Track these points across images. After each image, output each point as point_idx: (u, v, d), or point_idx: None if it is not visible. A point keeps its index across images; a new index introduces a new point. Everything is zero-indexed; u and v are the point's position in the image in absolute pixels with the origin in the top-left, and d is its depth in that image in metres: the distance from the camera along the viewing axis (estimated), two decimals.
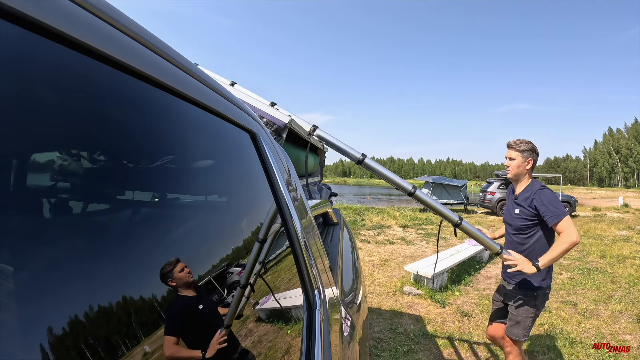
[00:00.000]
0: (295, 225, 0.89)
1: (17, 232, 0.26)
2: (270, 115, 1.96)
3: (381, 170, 1.86)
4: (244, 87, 2.15)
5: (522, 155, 2.14)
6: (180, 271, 0.39)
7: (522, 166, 2.15)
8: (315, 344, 0.75)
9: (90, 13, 0.36)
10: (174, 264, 0.39)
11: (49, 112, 0.31)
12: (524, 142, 2.15)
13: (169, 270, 0.38)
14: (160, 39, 0.51)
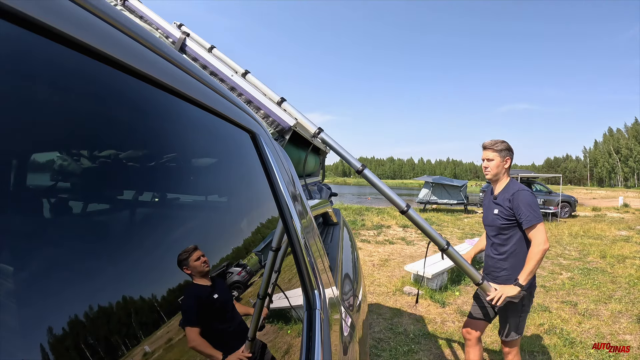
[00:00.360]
0: (295, 225, 0.89)
1: (17, 232, 0.26)
2: (276, 115, 1.95)
3: (378, 183, 1.87)
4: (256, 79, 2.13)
5: (499, 155, 2.17)
6: (196, 260, 0.39)
7: (500, 166, 2.18)
8: (315, 344, 0.75)
9: (90, 13, 0.36)
10: (191, 252, 0.39)
11: (49, 112, 0.31)
12: (499, 142, 2.18)
13: (185, 258, 0.38)
14: (160, 39, 0.51)
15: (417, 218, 1.81)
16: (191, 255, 0.39)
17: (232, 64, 2.21)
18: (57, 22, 0.30)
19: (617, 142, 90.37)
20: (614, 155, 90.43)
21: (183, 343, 0.42)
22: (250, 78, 2.12)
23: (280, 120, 1.96)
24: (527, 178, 14.06)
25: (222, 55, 2.26)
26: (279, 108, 1.99)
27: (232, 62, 2.22)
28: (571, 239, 8.84)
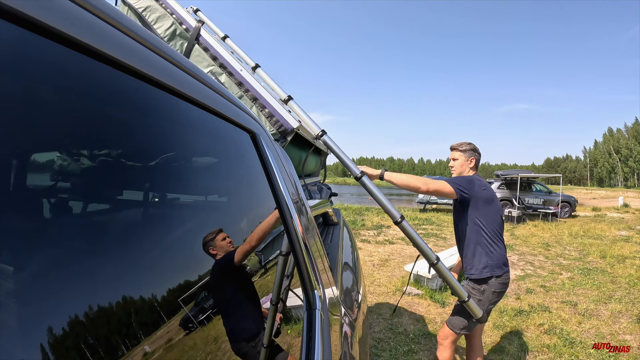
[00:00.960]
0: (295, 225, 0.89)
1: (17, 232, 0.26)
2: (280, 115, 1.94)
3: (375, 191, 1.86)
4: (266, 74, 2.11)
5: (464, 154, 2.26)
6: (222, 240, 0.40)
7: (464, 165, 2.27)
8: (315, 344, 0.75)
9: (90, 13, 0.36)
10: (216, 232, 0.39)
11: (49, 112, 0.31)
12: (465, 144, 2.29)
13: (211, 239, 0.39)
14: (160, 39, 0.51)
15: (410, 230, 1.79)
16: (217, 236, 0.40)
17: (243, 55, 2.17)
18: (57, 22, 0.30)
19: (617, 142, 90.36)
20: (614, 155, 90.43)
21: (183, 343, 0.42)
22: (259, 72, 2.09)
23: (283, 121, 1.94)
24: (527, 178, 14.06)
25: (235, 46, 2.21)
26: (284, 109, 1.97)
27: (243, 54, 2.18)
28: (571, 239, 8.84)
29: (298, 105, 1.98)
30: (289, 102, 1.96)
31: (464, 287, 2.12)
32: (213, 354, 0.47)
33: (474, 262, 2.13)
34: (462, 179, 2.13)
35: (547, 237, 9.06)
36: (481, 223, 2.10)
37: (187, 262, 0.47)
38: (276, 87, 2.01)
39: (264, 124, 1.99)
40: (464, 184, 2.09)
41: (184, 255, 0.46)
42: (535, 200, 13.85)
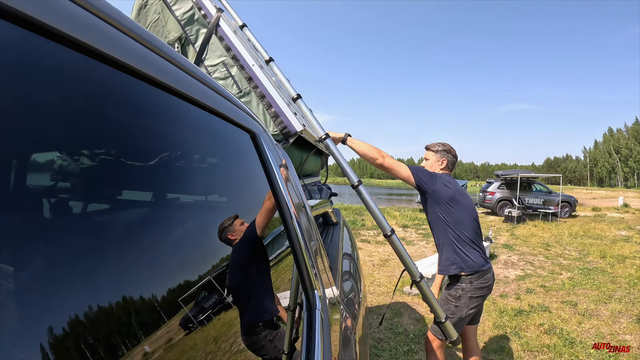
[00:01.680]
0: (295, 225, 0.89)
1: (17, 232, 0.26)
2: (285, 116, 1.92)
3: (370, 202, 1.82)
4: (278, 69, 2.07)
5: (435, 154, 2.27)
6: (240, 225, 0.40)
7: (434, 165, 2.26)
8: (315, 344, 0.75)
9: (90, 13, 0.36)
10: (234, 218, 0.40)
11: (49, 112, 0.31)
12: (439, 144, 2.29)
13: (230, 224, 0.39)
14: (160, 39, 0.51)
15: (398, 245, 1.75)
16: (235, 221, 0.40)
17: (258, 46, 2.13)
18: (57, 22, 0.30)
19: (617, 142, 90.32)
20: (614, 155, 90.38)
21: (183, 343, 0.42)
22: (272, 66, 2.05)
23: (288, 122, 1.92)
24: (527, 178, 14.05)
25: (251, 36, 2.17)
26: (290, 110, 1.94)
27: (258, 45, 2.13)
28: (571, 239, 8.84)
29: (305, 105, 1.95)
30: (297, 100, 1.93)
31: (443, 296, 2.13)
32: (213, 354, 0.47)
33: (441, 258, 2.14)
34: (423, 170, 2.14)
35: (547, 237, 9.06)
36: (446, 220, 2.07)
37: (187, 262, 0.47)
38: (286, 84, 1.98)
39: (268, 123, 1.96)
40: (425, 176, 2.09)
41: (184, 255, 0.46)
42: (535, 200, 13.84)
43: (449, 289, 2.13)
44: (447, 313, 2.06)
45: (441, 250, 2.14)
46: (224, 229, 0.38)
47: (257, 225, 0.41)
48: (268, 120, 1.97)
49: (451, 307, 2.08)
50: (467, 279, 2.06)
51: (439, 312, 1.84)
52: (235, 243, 0.40)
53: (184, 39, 2.16)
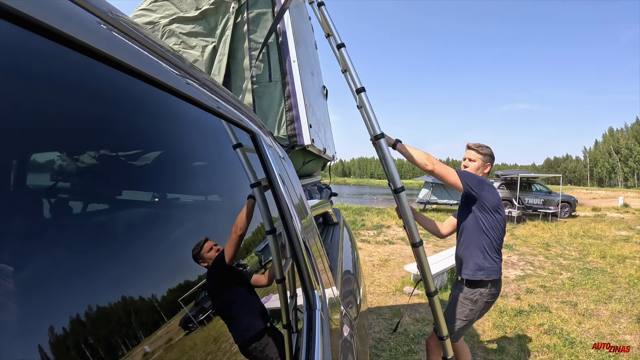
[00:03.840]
0: (295, 225, 0.88)
1: (17, 232, 0.26)
2: (300, 126, 1.86)
3: (408, 211, 1.77)
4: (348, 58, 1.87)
5: (482, 159, 2.15)
6: (209, 251, 0.39)
7: (480, 169, 2.15)
8: (316, 344, 0.75)
9: (91, 13, 0.36)
10: (202, 244, 0.39)
11: (49, 112, 0.31)
12: (485, 147, 2.16)
13: (198, 252, 0.38)
14: (160, 40, 0.51)
15: (423, 256, 1.75)
16: (203, 248, 0.39)
17: (332, 28, 1.87)
18: (57, 22, 0.30)
19: (617, 142, 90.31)
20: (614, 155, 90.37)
21: (183, 343, 0.42)
22: (342, 52, 1.85)
23: (299, 132, 1.86)
24: (527, 178, 14.05)
25: (327, 16, 1.90)
26: (307, 122, 1.88)
27: (333, 27, 1.88)
28: (571, 239, 8.84)
29: (367, 99, 1.78)
30: (360, 92, 1.77)
31: (457, 299, 2.10)
32: (213, 354, 0.47)
33: (469, 263, 2.06)
34: (473, 175, 2.03)
35: (547, 237, 9.06)
36: (485, 226, 2.04)
37: (187, 261, 0.47)
38: (353, 73, 1.81)
39: (279, 125, 1.87)
40: (473, 181, 1.99)
41: (184, 255, 0.46)
42: (535, 200, 13.84)
43: (465, 292, 2.08)
44: (460, 316, 2.06)
45: (469, 254, 2.07)
46: (195, 255, 0.38)
47: (227, 255, 0.40)
48: (281, 122, 1.89)
49: (466, 311, 2.07)
50: (487, 284, 2.06)
51: (443, 329, 1.83)
52: (208, 269, 0.40)
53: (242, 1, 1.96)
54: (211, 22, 1.97)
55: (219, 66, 1.92)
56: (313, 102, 2.18)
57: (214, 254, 0.40)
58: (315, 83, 2.56)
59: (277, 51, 1.92)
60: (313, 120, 2.06)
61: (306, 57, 2.17)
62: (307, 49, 2.20)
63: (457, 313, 2.08)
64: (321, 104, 2.66)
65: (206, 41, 1.97)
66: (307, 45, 2.29)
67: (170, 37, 2.00)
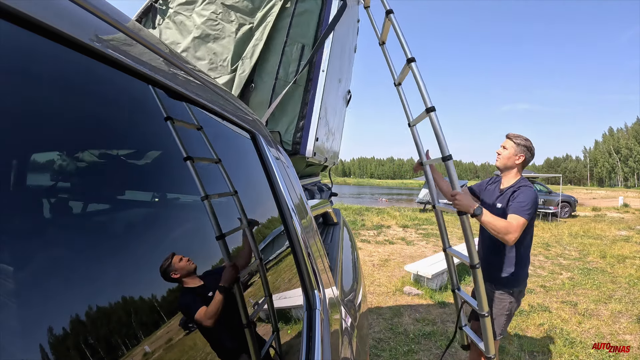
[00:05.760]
0: (295, 225, 0.88)
1: (17, 232, 0.26)
2: (307, 138, 1.82)
3: (468, 230, 1.80)
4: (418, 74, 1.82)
5: (515, 147, 2.13)
6: (179, 261, 0.38)
7: (511, 158, 2.14)
8: (315, 344, 0.75)
9: (91, 13, 0.36)
10: (170, 257, 0.38)
11: (49, 112, 0.31)
12: (522, 137, 2.15)
13: (168, 265, 0.38)
14: (161, 41, 0.51)
15: (479, 279, 1.81)
16: (172, 259, 0.38)
17: (402, 42, 1.84)
18: (57, 22, 0.30)
19: (617, 142, 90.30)
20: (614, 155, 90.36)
21: (183, 343, 0.42)
22: (412, 67, 1.80)
23: (304, 143, 1.81)
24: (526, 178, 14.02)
25: (397, 28, 1.85)
26: (314, 135, 1.83)
27: (403, 40, 1.83)
28: (571, 239, 8.84)
29: (437, 120, 1.77)
30: (430, 112, 1.76)
31: (492, 298, 2.16)
32: (213, 354, 0.47)
33: (506, 264, 2.11)
34: (532, 202, 1.96)
35: (547, 237, 9.06)
36: (531, 232, 2.08)
37: None
38: (424, 91, 1.79)
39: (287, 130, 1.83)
40: (534, 208, 1.97)
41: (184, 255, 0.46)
42: None
43: (501, 289, 2.15)
44: (502, 311, 2.13)
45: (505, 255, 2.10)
46: (165, 269, 0.37)
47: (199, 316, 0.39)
48: (291, 126, 1.84)
49: (505, 305, 2.13)
50: (525, 282, 2.17)
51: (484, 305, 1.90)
52: (179, 302, 0.39)
53: None
54: (255, 2, 1.87)
55: (252, 50, 1.83)
56: (330, 111, 2.11)
57: (185, 263, 0.39)
58: (340, 90, 2.48)
59: (310, 56, 1.85)
60: (322, 132, 2.01)
61: (338, 65, 2.09)
62: (343, 55, 2.09)
63: (499, 310, 2.14)
64: (339, 110, 2.57)
65: (244, 19, 1.87)
66: (345, 50, 2.19)
67: (211, 4, 1.89)
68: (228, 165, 0.72)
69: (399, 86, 1.95)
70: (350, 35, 2.14)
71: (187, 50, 1.86)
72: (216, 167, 0.66)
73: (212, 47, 1.86)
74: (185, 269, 0.39)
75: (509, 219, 1.93)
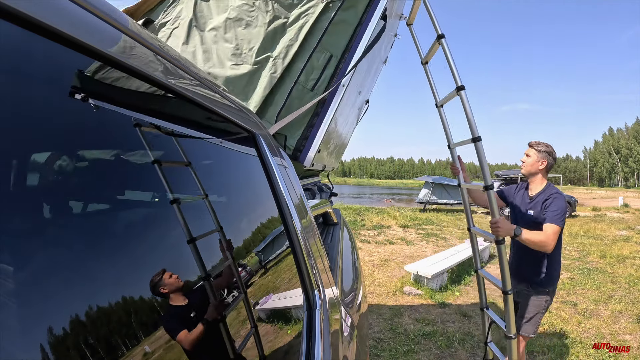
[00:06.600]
0: (295, 225, 0.88)
1: (17, 232, 0.26)
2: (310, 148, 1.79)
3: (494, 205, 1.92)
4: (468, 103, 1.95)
5: (537, 154, 2.26)
6: (169, 277, 0.39)
7: (535, 165, 2.26)
8: (315, 344, 0.75)
9: (91, 13, 0.36)
10: (162, 273, 0.38)
11: (49, 112, 0.31)
12: (542, 144, 2.28)
13: (159, 280, 0.38)
14: (162, 41, 0.51)
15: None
16: (164, 275, 0.38)
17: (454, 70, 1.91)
18: (57, 22, 0.30)
19: (617, 142, 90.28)
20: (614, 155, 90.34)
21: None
22: (462, 95, 1.92)
23: (306, 151, 1.78)
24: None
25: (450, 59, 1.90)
26: (317, 146, 1.80)
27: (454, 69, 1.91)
28: (571, 239, 8.83)
29: (482, 149, 1.90)
30: (476, 142, 1.90)
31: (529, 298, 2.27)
32: (212, 354, 0.47)
33: (541, 267, 2.22)
34: (564, 210, 2.13)
35: None
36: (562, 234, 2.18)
37: (187, 262, 0.47)
38: (471, 119, 1.87)
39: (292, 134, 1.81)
40: (565, 214, 2.13)
41: (183, 256, 0.46)
42: None
43: (538, 288, 2.26)
44: (538, 309, 2.27)
45: (552, 263, 2.23)
46: (155, 284, 0.37)
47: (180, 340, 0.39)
48: (297, 132, 1.81)
49: (542, 303, 2.26)
50: (558, 280, 2.32)
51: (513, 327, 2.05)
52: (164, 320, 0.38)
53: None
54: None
55: (286, 51, 1.77)
56: (341, 121, 2.08)
57: (174, 280, 0.39)
58: (357, 101, 2.44)
59: (334, 67, 1.79)
60: (327, 143, 1.98)
61: (362, 78, 2.04)
62: (370, 69, 2.04)
63: (535, 308, 2.27)
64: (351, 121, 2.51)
65: (280, 13, 1.79)
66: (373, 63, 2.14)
67: None
68: (228, 165, 0.72)
69: (440, 107, 2.04)
70: (382, 49, 2.09)
71: (217, 28, 1.81)
72: (216, 166, 0.66)
73: (241, 32, 1.80)
74: (173, 285, 0.39)
75: (545, 228, 2.10)
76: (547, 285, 2.25)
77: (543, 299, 2.26)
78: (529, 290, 2.28)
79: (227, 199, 0.69)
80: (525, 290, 2.30)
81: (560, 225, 2.07)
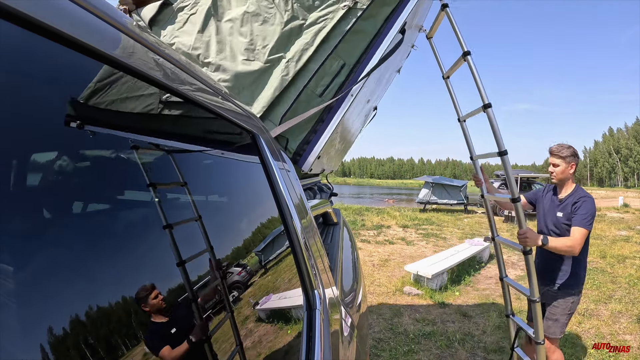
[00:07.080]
0: (295, 225, 0.88)
1: (17, 232, 0.26)
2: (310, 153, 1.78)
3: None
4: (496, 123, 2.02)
5: (565, 161, 2.29)
6: (154, 298, 0.38)
7: (565, 172, 2.30)
8: (315, 344, 0.75)
9: (91, 14, 0.36)
10: (150, 290, 0.38)
11: (49, 112, 0.31)
12: (565, 148, 2.30)
13: (145, 295, 0.37)
14: (162, 41, 0.51)
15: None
16: (151, 293, 0.38)
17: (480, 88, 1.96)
18: (57, 22, 0.30)
19: (617, 142, 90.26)
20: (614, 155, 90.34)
21: None
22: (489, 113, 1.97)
23: (306, 156, 1.77)
24: (527, 178, 14.02)
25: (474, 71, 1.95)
26: (318, 152, 1.79)
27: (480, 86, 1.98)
28: None
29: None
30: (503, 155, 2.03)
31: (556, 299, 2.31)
32: (212, 354, 0.47)
33: (568, 271, 2.27)
34: (592, 213, 2.21)
35: None
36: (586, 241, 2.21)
37: (187, 262, 0.47)
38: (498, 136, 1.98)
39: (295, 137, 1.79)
40: (593, 217, 2.21)
41: (183, 255, 0.46)
42: None
43: (566, 290, 2.29)
44: (566, 311, 2.29)
45: (578, 265, 2.28)
46: (140, 298, 0.37)
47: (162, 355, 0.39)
48: (299, 136, 1.79)
49: (568, 305, 2.29)
50: (584, 281, 2.35)
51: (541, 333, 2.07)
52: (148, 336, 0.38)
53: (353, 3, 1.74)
54: (317, 1, 1.76)
55: (301, 54, 1.74)
56: (345, 128, 2.06)
57: (158, 302, 0.39)
58: (365, 108, 2.42)
59: (345, 76, 1.76)
60: (328, 150, 1.96)
61: (372, 88, 2.02)
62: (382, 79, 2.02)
63: (563, 310, 2.30)
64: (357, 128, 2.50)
65: (298, 14, 1.76)
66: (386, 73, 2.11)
67: None
68: (229, 166, 0.72)
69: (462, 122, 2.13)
70: (397, 59, 2.06)
71: (233, 20, 1.78)
72: (217, 166, 0.66)
73: (258, 28, 1.77)
74: (155, 306, 0.39)
75: (572, 231, 2.16)
76: (573, 287, 2.27)
77: (569, 301, 2.27)
78: (555, 292, 2.31)
79: (227, 198, 0.69)
80: (552, 292, 2.32)
81: (589, 228, 2.13)
